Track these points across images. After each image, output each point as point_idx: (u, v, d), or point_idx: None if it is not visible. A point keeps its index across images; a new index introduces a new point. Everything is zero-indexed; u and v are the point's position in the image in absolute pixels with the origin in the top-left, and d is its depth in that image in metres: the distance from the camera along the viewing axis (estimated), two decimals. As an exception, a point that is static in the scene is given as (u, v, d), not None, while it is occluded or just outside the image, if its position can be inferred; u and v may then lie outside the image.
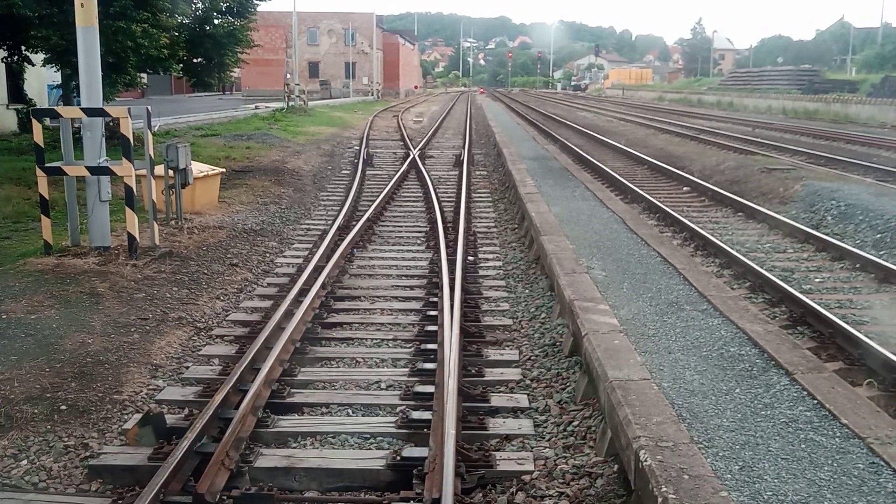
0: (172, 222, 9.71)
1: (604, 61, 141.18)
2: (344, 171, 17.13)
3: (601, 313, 5.48)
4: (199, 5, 16.67)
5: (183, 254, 8.46)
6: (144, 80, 59.91)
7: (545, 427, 4.74)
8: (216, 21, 16.88)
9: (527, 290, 7.69)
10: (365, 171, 16.77)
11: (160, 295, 7.06)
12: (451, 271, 7.77)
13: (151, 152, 8.19)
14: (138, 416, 4.72)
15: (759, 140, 23.49)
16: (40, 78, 21.44)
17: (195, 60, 17.16)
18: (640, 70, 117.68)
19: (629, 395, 4.05)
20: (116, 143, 8.51)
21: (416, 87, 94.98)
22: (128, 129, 7.62)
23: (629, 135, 26.16)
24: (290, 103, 35.91)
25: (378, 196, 12.85)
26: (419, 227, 11.10)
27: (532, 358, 5.89)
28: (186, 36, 15.15)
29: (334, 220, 10.86)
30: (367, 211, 11.50)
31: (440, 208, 11.63)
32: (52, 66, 15.46)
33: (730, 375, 4.37)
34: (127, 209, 7.79)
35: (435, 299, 7.35)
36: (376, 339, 6.36)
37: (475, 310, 7.11)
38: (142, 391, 5.23)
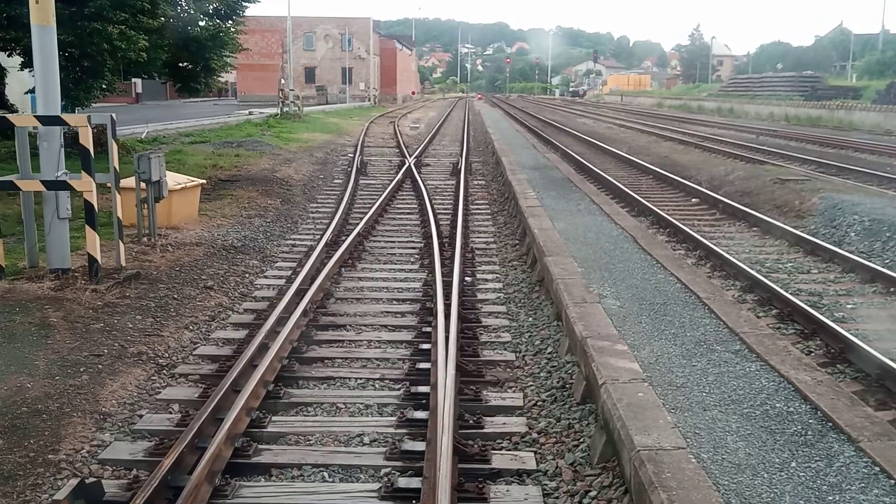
0: (145, 239, 8.96)
1: (602, 67, 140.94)
2: (336, 181, 16.40)
3: (619, 356, 4.73)
4: (184, 6, 15.90)
5: (152, 275, 7.71)
6: (139, 87, 58.96)
7: (556, 497, 3.98)
8: (201, 23, 16.13)
9: (530, 319, 6.94)
10: (358, 180, 16.06)
11: (120, 325, 6.30)
12: (447, 296, 7.03)
13: (116, 164, 7.44)
14: (73, 483, 3.95)
15: (764, 148, 22.80)
16: (23, 83, 20.63)
17: (181, 65, 16.39)
18: (638, 76, 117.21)
19: (662, 471, 3.30)
20: (99, 150, 7.80)
21: (413, 93, 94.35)
22: (87, 139, 6.87)
23: (631, 142, 25.46)
24: (285, 109, 35.18)
25: (370, 208, 12.12)
26: (413, 242, 10.36)
27: (538, 403, 5.14)
28: (169, 39, 14.41)
29: (322, 235, 10.14)
30: (357, 224, 10.77)
31: (436, 221, 10.89)
32: (30, 71, 14.73)
33: (781, 442, 3.63)
34: (87, 228, 7.03)
35: (428, 329, 6.60)
36: (361, 379, 5.61)
37: (473, 341, 6.37)
38: (83, 448, 4.47)
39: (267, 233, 10.65)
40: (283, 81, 38.72)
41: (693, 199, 13.79)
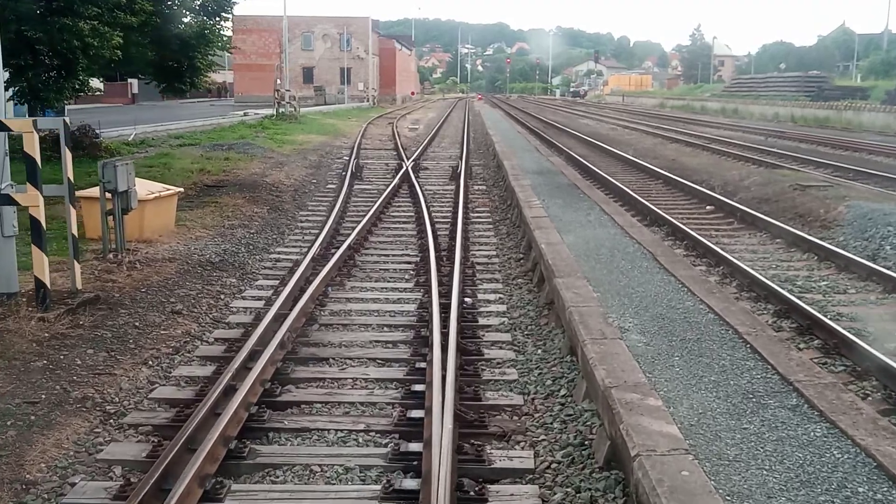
0: (111, 255, 8.11)
1: (602, 67, 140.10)
2: (329, 186, 15.55)
3: (653, 414, 3.89)
4: (168, 2, 14.99)
5: (114, 298, 6.87)
6: (135, 88, 57.93)
7: None
8: (186, 20, 15.25)
9: (539, 351, 6.10)
10: (353, 185, 15.23)
11: (66, 362, 5.46)
12: (444, 324, 6.19)
13: (70, 174, 6.58)
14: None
15: (775, 150, 21.97)
16: None
17: (165, 64, 15.52)
18: (640, 76, 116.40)
19: None
20: (81, 153, 6.97)
21: (412, 93, 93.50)
22: (33, 146, 6.02)
23: (636, 144, 24.60)
24: (280, 110, 34.30)
25: (364, 216, 11.29)
26: (409, 256, 9.52)
27: (553, 465, 4.29)
28: (150, 36, 13.54)
29: (310, 248, 9.30)
30: (349, 236, 9.94)
31: (433, 232, 10.07)
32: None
33: (877, 551, 2.79)
34: (33, 248, 6.18)
35: (423, 364, 5.76)
36: (342, 432, 4.75)
37: (474, 379, 5.53)
38: (-8, 533, 3.63)
39: (249, 246, 9.80)
40: (278, 82, 37.78)
41: (708, 207, 12.95)
